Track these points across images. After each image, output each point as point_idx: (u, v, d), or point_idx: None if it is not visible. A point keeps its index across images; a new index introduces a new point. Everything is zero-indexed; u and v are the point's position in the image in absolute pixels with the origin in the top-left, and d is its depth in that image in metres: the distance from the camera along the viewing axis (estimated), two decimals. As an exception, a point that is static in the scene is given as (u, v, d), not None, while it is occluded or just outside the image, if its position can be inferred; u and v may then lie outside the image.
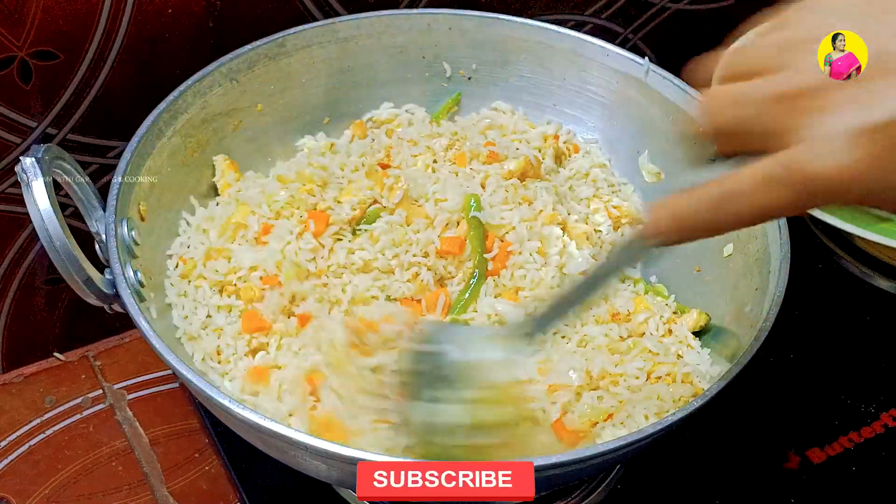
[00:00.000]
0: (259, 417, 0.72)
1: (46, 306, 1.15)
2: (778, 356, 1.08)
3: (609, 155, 1.09)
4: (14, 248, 1.08)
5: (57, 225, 0.74)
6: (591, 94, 1.08)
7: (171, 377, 1.05)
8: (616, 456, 0.77)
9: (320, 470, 0.77)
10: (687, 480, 0.99)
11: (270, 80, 1.03)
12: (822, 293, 1.18)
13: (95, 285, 0.78)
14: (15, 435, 1.00)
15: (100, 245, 0.83)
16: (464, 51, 1.09)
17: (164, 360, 0.76)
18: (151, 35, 1.02)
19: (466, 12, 1.07)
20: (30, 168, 0.74)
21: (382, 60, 1.08)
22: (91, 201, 0.84)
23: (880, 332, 1.14)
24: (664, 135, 1.04)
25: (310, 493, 0.95)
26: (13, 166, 0.97)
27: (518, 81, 1.10)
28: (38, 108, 1.00)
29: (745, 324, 0.88)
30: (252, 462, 0.96)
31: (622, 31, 1.35)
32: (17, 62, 0.97)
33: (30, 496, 0.95)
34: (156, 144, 0.92)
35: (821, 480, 0.99)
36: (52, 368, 1.06)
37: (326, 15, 1.10)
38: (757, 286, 0.89)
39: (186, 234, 0.95)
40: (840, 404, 1.06)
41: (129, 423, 1.02)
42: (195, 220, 0.96)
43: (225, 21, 1.05)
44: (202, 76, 0.96)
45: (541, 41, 1.07)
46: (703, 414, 0.77)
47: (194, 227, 0.95)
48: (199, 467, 0.99)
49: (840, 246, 1.22)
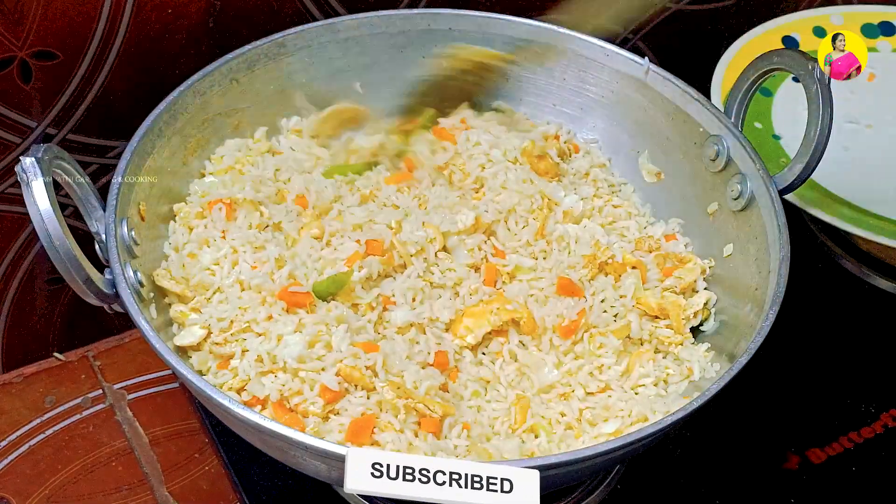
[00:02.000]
0: (259, 417, 0.72)
1: (46, 306, 1.15)
2: (778, 356, 1.08)
3: (609, 155, 1.09)
4: (14, 248, 1.08)
5: (57, 225, 0.74)
6: (591, 94, 1.08)
7: (171, 377, 1.05)
8: (616, 456, 0.77)
9: (320, 470, 0.77)
10: (687, 480, 0.99)
11: (270, 80, 1.03)
12: (822, 293, 1.18)
13: (95, 285, 0.78)
14: (15, 435, 1.00)
15: (100, 245, 0.83)
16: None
17: (164, 360, 0.76)
18: (151, 35, 1.02)
19: (467, 12, 1.07)
20: (30, 168, 0.74)
21: (383, 60, 1.08)
22: (91, 201, 0.84)
23: (880, 332, 1.14)
24: (664, 135, 1.04)
25: (310, 493, 0.95)
26: (13, 166, 0.97)
27: (518, 81, 1.10)
28: (38, 108, 1.00)
29: (745, 323, 0.88)
30: (252, 462, 0.96)
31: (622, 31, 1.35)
32: (17, 62, 0.97)
33: (30, 496, 0.95)
34: (156, 144, 0.92)
35: (821, 480, 0.99)
36: (52, 368, 1.06)
37: (326, 15, 1.10)
38: (757, 286, 0.89)
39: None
40: (840, 404, 1.06)
41: (129, 423, 1.02)
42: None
43: (225, 21, 1.05)
44: (202, 76, 0.96)
45: (541, 41, 1.07)
46: (703, 414, 0.77)
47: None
48: (199, 467, 0.99)
49: (840, 246, 1.22)
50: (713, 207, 0.98)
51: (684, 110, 1.01)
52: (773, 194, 0.91)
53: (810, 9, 1.41)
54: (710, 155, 0.98)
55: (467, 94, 1.09)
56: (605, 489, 0.96)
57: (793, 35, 1.35)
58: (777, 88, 1.30)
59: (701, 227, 1.00)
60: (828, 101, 0.90)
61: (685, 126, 1.01)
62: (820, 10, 1.40)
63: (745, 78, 0.98)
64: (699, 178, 1.00)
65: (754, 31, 1.33)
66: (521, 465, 0.71)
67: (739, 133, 0.97)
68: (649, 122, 1.05)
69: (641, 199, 1.06)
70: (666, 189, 1.05)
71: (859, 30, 1.37)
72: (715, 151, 0.97)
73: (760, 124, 1.25)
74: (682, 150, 1.02)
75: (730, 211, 0.96)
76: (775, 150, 1.20)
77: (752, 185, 0.93)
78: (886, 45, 1.38)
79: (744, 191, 0.94)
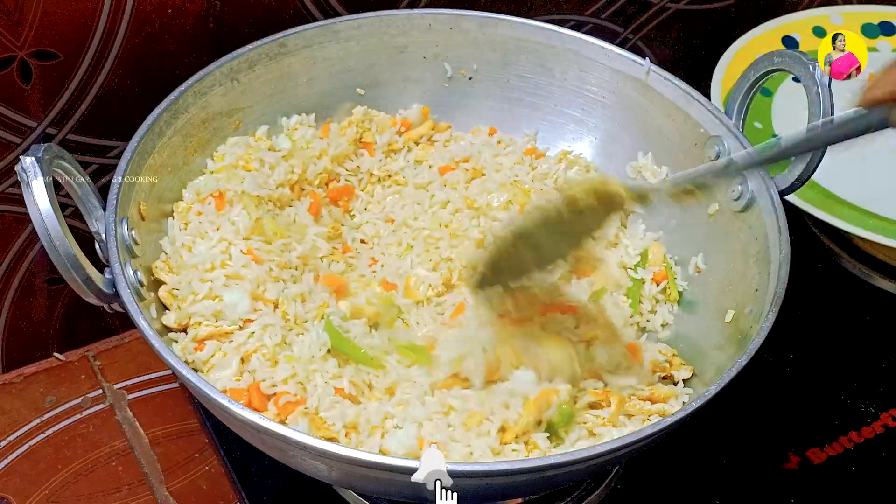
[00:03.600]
0: (259, 418, 0.72)
1: (46, 306, 1.15)
2: (778, 356, 1.09)
3: (609, 155, 1.09)
4: (14, 248, 1.08)
5: (57, 225, 0.74)
6: (591, 94, 1.08)
7: (171, 377, 1.05)
8: (616, 456, 0.77)
9: (320, 470, 0.77)
10: (687, 480, 0.99)
11: (271, 80, 1.03)
12: (822, 293, 1.18)
13: (95, 285, 0.78)
14: (15, 435, 1.00)
15: (100, 245, 0.83)
16: (464, 51, 1.09)
17: (164, 360, 0.76)
18: (151, 35, 1.02)
19: (467, 12, 1.07)
20: (30, 168, 0.74)
21: (383, 60, 1.08)
22: (91, 201, 0.84)
23: (880, 332, 1.14)
24: (664, 135, 1.04)
25: (310, 493, 0.95)
26: (13, 166, 0.97)
27: (518, 81, 1.10)
28: (38, 108, 1.00)
29: (746, 324, 0.88)
30: (252, 462, 0.96)
31: (622, 31, 1.35)
32: (17, 62, 0.97)
33: (30, 496, 0.95)
34: (156, 144, 0.92)
35: (821, 480, 0.99)
36: (52, 368, 1.06)
37: (326, 15, 1.10)
38: (757, 286, 0.89)
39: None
40: (840, 404, 1.06)
41: (129, 423, 1.02)
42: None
43: (225, 21, 1.05)
44: (202, 76, 0.96)
45: (541, 41, 1.07)
46: (703, 414, 0.77)
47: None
48: (199, 467, 0.99)
49: (840, 246, 1.22)
50: (713, 208, 0.98)
51: (685, 111, 1.01)
52: (774, 195, 0.91)
53: (810, 9, 1.41)
54: (711, 155, 0.98)
55: None
56: (605, 489, 0.96)
57: (793, 35, 1.35)
58: (777, 88, 1.30)
59: (701, 228, 1.00)
60: (828, 101, 0.90)
61: (686, 126, 1.01)
62: (820, 10, 1.40)
63: (745, 78, 0.98)
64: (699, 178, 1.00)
65: (754, 31, 1.33)
66: (521, 465, 0.71)
67: (740, 133, 0.97)
68: (650, 123, 1.05)
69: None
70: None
71: (859, 30, 1.38)
72: (715, 152, 0.97)
73: (760, 124, 1.25)
74: (683, 151, 1.02)
75: (730, 211, 0.96)
76: (775, 151, 1.20)
77: (753, 185, 0.93)
78: (886, 45, 1.38)
79: (744, 191, 0.94)
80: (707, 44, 1.38)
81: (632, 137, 1.07)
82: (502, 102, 1.11)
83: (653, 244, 1.02)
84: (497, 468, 0.73)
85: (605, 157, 1.09)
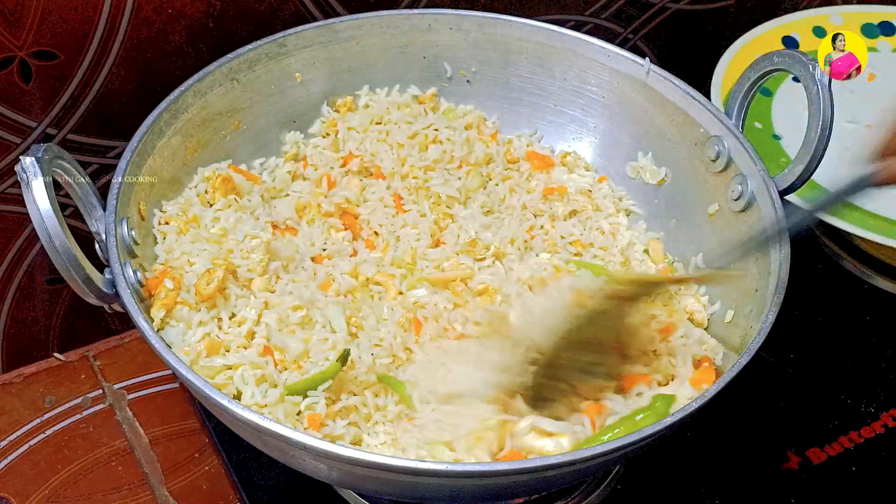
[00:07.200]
0: (259, 418, 0.72)
1: (46, 306, 1.15)
2: (778, 356, 1.09)
3: (609, 155, 1.09)
4: (14, 248, 1.08)
5: (57, 225, 0.74)
6: (591, 94, 1.08)
7: (171, 377, 1.05)
8: (616, 456, 0.77)
9: (320, 470, 0.77)
10: (687, 480, 0.99)
11: (270, 80, 1.03)
12: (822, 293, 1.18)
13: (95, 285, 0.78)
14: (15, 435, 1.00)
15: (100, 245, 0.83)
16: (464, 51, 1.09)
17: (164, 360, 0.76)
18: (151, 35, 1.02)
19: (467, 12, 1.07)
20: (30, 168, 0.74)
21: (383, 61, 1.08)
22: (91, 201, 0.84)
23: (880, 332, 1.14)
24: (664, 135, 1.04)
25: (310, 493, 0.95)
26: (13, 166, 0.97)
27: (518, 81, 1.10)
28: (38, 108, 1.00)
29: (746, 324, 0.88)
30: (252, 462, 0.96)
31: (622, 31, 1.35)
32: (17, 62, 0.97)
33: (30, 496, 0.95)
34: (156, 144, 0.92)
35: (821, 480, 0.99)
36: (52, 368, 1.06)
37: (326, 15, 1.10)
38: (757, 286, 0.89)
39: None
40: (840, 404, 1.06)
41: (129, 423, 1.02)
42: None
43: (225, 21, 1.05)
44: (202, 76, 0.96)
45: (541, 41, 1.07)
46: (702, 414, 0.77)
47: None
48: (199, 467, 0.99)
49: (840, 246, 1.22)
50: (713, 208, 0.98)
51: (685, 111, 1.01)
52: (774, 195, 0.91)
53: (810, 9, 1.41)
54: (711, 155, 0.98)
55: None
56: (605, 489, 0.96)
57: (793, 35, 1.35)
58: (777, 88, 1.30)
59: (701, 228, 1.00)
60: (828, 101, 0.90)
61: (686, 126, 1.01)
62: (820, 10, 1.40)
63: (745, 78, 0.98)
64: (699, 178, 1.00)
65: (754, 31, 1.33)
66: (521, 465, 0.71)
67: (740, 133, 0.97)
68: (650, 123, 1.05)
69: (643, 199, 1.06)
70: (666, 190, 1.05)
71: (859, 30, 1.38)
72: (715, 152, 0.97)
73: (760, 124, 1.25)
74: (683, 151, 1.02)
75: (730, 211, 0.96)
76: (775, 151, 1.21)
77: (753, 185, 0.93)
78: (886, 45, 1.38)
79: (744, 191, 0.94)
80: (707, 44, 1.38)
81: (632, 137, 1.07)
82: (502, 102, 1.11)
83: (651, 242, 1.03)
84: (497, 468, 0.73)
85: (605, 157, 1.09)
